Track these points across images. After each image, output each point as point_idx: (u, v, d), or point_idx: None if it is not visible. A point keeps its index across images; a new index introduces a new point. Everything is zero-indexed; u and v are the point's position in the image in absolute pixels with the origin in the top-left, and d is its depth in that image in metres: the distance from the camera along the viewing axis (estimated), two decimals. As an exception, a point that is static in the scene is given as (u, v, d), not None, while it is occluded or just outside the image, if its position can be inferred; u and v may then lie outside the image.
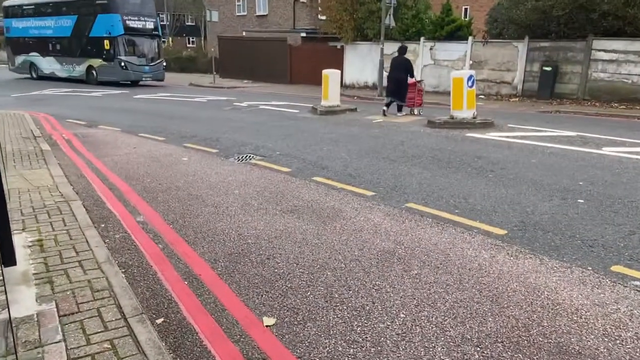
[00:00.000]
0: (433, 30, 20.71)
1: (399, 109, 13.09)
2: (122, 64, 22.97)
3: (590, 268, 3.83)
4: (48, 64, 26.16)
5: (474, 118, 10.95)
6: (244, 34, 31.42)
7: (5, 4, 28.93)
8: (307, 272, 3.77)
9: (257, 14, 33.12)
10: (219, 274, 3.73)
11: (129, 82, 23.95)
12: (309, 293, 3.45)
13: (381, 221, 4.88)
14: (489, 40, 18.98)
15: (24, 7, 26.73)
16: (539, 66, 17.22)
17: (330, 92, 13.68)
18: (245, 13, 33.93)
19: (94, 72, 24.08)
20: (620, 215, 4.99)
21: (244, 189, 6.01)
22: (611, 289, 3.51)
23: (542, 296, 3.40)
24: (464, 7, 33.67)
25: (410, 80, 12.79)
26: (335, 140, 9.46)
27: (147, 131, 10.42)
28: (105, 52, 23.18)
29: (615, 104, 15.35)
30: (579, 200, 5.49)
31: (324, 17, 25.80)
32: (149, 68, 23.96)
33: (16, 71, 28.16)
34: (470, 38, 19.29)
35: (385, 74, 20.07)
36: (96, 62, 23.73)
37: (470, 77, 10.80)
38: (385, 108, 13.06)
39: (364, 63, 22.58)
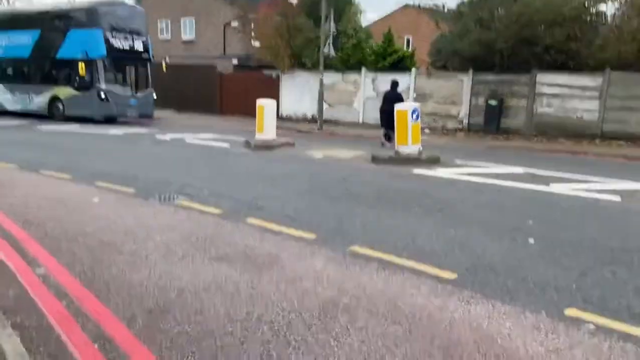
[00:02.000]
0: (375, 60, 21.62)
1: (389, 139, 14.23)
2: (102, 94, 19.45)
3: (543, 312, 4.01)
4: None
5: (420, 154, 11.39)
6: (167, 59, 31.24)
7: None
8: (240, 327, 3.69)
9: (184, 39, 33.18)
10: (137, 335, 3.57)
11: (102, 119, 20.16)
12: (243, 352, 3.37)
13: (323, 267, 4.90)
14: (433, 72, 20.04)
15: None
16: (485, 100, 18.33)
17: (266, 124, 13.80)
18: (169, 37, 33.87)
19: (59, 105, 20.55)
20: (571, 256, 5.31)
21: (166, 234, 5.85)
22: (565, 333, 3.69)
23: (496, 345, 3.51)
24: (406, 37, 35.49)
25: None
26: (271, 177, 9.49)
27: (51, 168, 9.96)
28: (78, 79, 19.59)
29: (562, 140, 16.55)
30: (529, 241, 5.79)
31: (258, 44, 26.26)
32: (135, 100, 20.54)
33: None
34: (413, 69, 20.30)
35: (325, 106, 20.59)
36: (64, 91, 20.29)
37: (415, 110, 11.29)
38: (383, 140, 14.52)
39: (302, 94, 23.04)
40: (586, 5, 17.82)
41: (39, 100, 21.15)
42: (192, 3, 32.51)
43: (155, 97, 21.70)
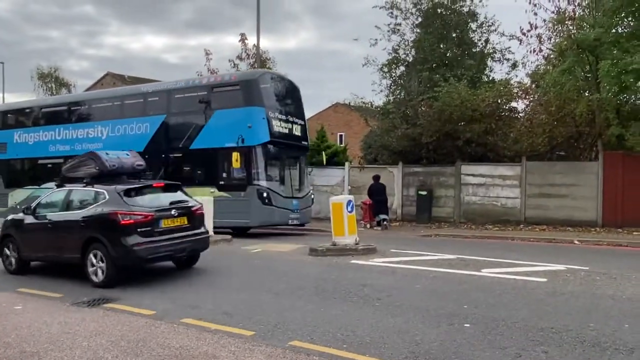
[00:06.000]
0: (310, 156, 22.31)
1: (384, 222, 17.08)
2: (264, 194, 14.65)
3: (483, 396, 4.03)
4: None
5: (357, 244, 11.56)
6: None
7: (3, 106, 20.92)
8: None
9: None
10: None
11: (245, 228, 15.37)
12: None
13: (262, 365, 4.74)
14: (365, 166, 20.91)
15: (44, 110, 19.12)
16: (415, 190, 19.15)
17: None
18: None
19: None
20: (505, 338, 5.43)
21: (94, 340, 5.52)
22: (505, 416, 3.70)
23: None
24: (339, 134, 37.11)
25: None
26: (208, 274, 9.27)
27: (-32, 275, 9.31)
28: (226, 175, 15.06)
29: (489, 226, 17.35)
30: (465, 325, 5.90)
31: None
32: (297, 203, 15.57)
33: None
34: (347, 163, 21.05)
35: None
36: (200, 193, 14.35)
37: (350, 202, 11.60)
38: (379, 227, 17.04)
39: (238, 189, 23.06)
40: (500, 102, 19.53)
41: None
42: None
43: (314, 197, 17.39)
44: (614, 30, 16.30)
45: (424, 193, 18.77)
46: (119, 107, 17.44)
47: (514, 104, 20.45)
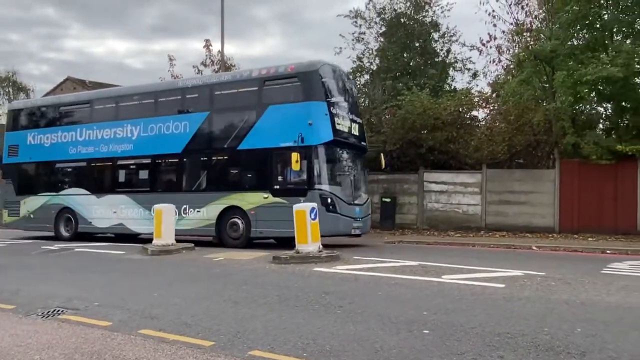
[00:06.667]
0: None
1: None
2: (329, 200, 13.23)
3: (439, 402, 4.08)
4: (107, 210, 15.89)
5: (320, 251, 11.57)
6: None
7: (15, 105, 19.43)
8: None
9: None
10: None
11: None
12: None
13: (220, 375, 4.68)
14: (330, 173, 20.92)
15: (63, 108, 17.63)
16: (379, 197, 19.33)
17: (164, 229, 13.40)
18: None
19: (238, 221, 13.96)
20: (463, 343, 5.52)
21: (47, 353, 5.34)
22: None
23: None
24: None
25: None
26: (168, 283, 9.13)
27: None
28: (282, 179, 13.61)
29: (452, 232, 17.66)
30: (424, 331, 5.96)
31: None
32: (360, 210, 14.09)
33: (20, 226, 17.64)
34: (312, 170, 21.08)
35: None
36: (251, 199, 13.70)
37: (313, 209, 11.60)
38: None
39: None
40: (461, 111, 19.97)
41: (200, 216, 14.55)
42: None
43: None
44: (569, 43, 16.92)
45: (387, 200, 18.98)
46: (152, 104, 15.85)
47: (474, 113, 21.03)
